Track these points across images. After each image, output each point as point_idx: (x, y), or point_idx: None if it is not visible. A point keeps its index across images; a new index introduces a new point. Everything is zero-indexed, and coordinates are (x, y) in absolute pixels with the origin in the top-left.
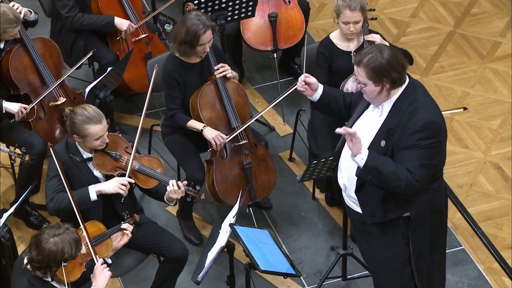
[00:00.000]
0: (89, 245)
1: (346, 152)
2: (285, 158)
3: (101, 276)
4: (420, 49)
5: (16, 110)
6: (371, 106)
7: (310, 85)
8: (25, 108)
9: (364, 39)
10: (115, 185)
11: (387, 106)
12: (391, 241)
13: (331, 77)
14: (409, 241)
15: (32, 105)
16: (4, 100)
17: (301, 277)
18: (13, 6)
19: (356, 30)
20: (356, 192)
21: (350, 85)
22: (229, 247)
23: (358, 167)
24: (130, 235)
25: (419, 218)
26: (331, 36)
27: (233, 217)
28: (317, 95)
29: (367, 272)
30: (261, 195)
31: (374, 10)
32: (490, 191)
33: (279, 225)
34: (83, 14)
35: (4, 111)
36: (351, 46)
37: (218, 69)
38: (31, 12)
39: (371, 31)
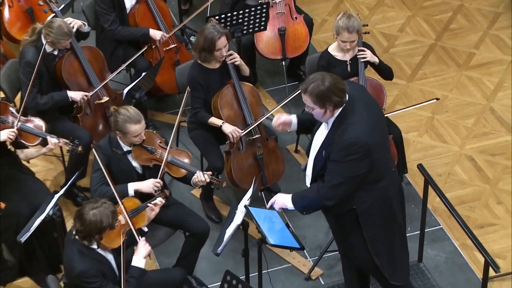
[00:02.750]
0: (127, 217)
1: (309, 157)
2: (291, 150)
3: (143, 249)
4: (406, 58)
5: (79, 98)
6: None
7: (285, 124)
8: (86, 96)
9: (357, 50)
10: (150, 186)
11: (331, 122)
12: (348, 228)
13: None
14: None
15: (92, 93)
16: (67, 91)
17: (305, 251)
18: (67, 20)
19: (352, 47)
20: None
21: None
22: (244, 225)
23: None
24: (159, 206)
25: (366, 211)
26: (329, 48)
27: (248, 199)
28: (293, 127)
29: None
30: (271, 181)
31: (367, 25)
32: (464, 179)
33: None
34: (123, 27)
35: (70, 100)
36: (346, 56)
37: (229, 56)
38: (85, 25)
39: (364, 44)
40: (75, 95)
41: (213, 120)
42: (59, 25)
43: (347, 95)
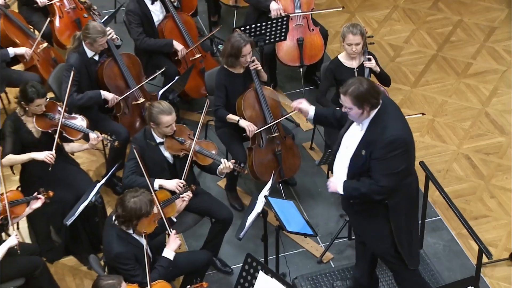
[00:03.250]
0: (159, 208)
1: (338, 155)
2: (307, 147)
3: (174, 243)
4: (410, 67)
5: (111, 97)
6: (355, 122)
7: (302, 111)
8: (116, 98)
9: (364, 59)
10: (174, 185)
11: (366, 122)
12: (374, 220)
13: (337, 87)
14: (390, 221)
15: (122, 98)
16: (101, 90)
17: (317, 237)
18: (108, 30)
19: (357, 51)
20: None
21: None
22: (263, 213)
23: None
24: (187, 201)
25: (396, 205)
26: (339, 56)
27: (267, 190)
28: (310, 117)
29: None
30: (288, 174)
31: (373, 37)
32: (461, 175)
33: (301, 197)
34: (149, 38)
35: (102, 97)
36: (353, 64)
37: (252, 62)
38: (118, 39)
39: (369, 53)
40: (107, 94)
41: (231, 116)
42: (93, 25)
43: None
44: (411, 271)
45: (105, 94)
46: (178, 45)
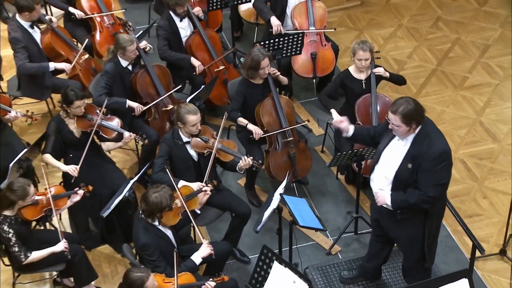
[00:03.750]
0: (183, 201)
1: (379, 170)
2: (318, 150)
3: (205, 251)
4: (412, 79)
5: (135, 106)
6: (396, 138)
7: (341, 129)
8: (141, 107)
9: (371, 71)
10: (195, 187)
11: (410, 138)
12: (411, 227)
13: (346, 96)
14: (425, 227)
15: (148, 107)
16: (127, 100)
17: (327, 231)
18: (141, 43)
19: (366, 65)
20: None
21: (360, 102)
22: (278, 209)
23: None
24: (209, 193)
25: (434, 213)
26: (349, 68)
27: (282, 189)
28: (349, 134)
29: (371, 229)
30: (301, 175)
31: (379, 52)
32: (457, 177)
33: (313, 195)
34: (171, 51)
35: (127, 106)
36: (361, 76)
37: (272, 71)
38: (151, 48)
39: (376, 66)
40: (132, 103)
41: (241, 119)
42: (122, 36)
43: None
44: (424, 268)
45: (130, 103)
46: (195, 61)
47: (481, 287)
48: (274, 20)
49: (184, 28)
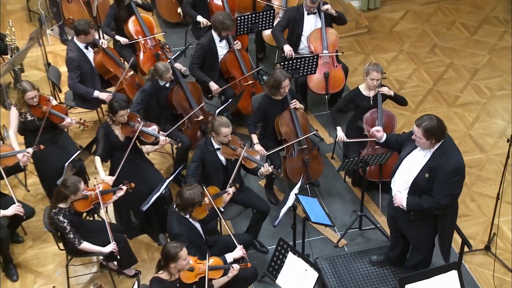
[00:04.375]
0: (210, 199)
1: (400, 174)
2: (329, 157)
3: (237, 253)
4: (411, 97)
5: (105, 97)
6: (418, 148)
7: (376, 136)
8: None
9: (377, 91)
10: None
11: (430, 151)
12: (423, 227)
13: (356, 110)
14: (435, 229)
15: (182, 121)
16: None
17: (335, 227)
18: (176, 65)
19: (377, 84)
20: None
21: (368, 116)
22: (293, 207)
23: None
24: (232, 194)
25: (445, 217)
26: (360, 86)
27: (297, 189)
28: (382, 140)
29: (373, 226)
30: (313, 178)
31: (385, 73)
32: None
33: (323, 196)
34: (199, 70)
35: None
36: (370, 94)
37: (292, 103)
38: (186, 70)
39: (382, 85)
40: (101, 94)
41: (253, 137)
42: (159, 66)
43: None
44: (432, 251)
45: (98, 94)
46: (213, 85)
47: (468, 278)
48: (286, 47)
49: (222, 47)
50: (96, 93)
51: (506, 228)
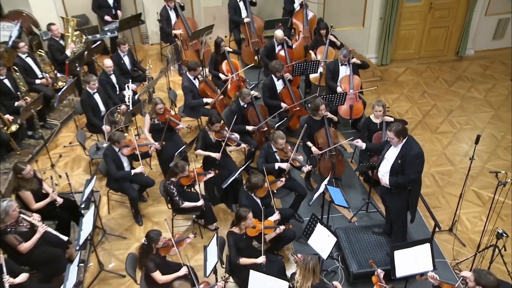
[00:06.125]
0: (268, 184)
1: (382, 164)
2: (349, 161)
3: (276, 216)
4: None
5: (251, 129)
6: (392, 146)
7: (358, 144)
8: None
9: (383, 119)
10: (284, 166)
11: (399, 145)
12: (401, 197)
13: (368, 132)
14: (408, 197)
15: (253, 130)
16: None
17: (350, 209)
18: (252, 92)
19: (380, 114)
20: (389, 183)
21: (375, 135)
22: (323, 193)
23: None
24: (283, 182)
25: (414, 190)
26: (370, 116)
27: (326, 181)
28: (363, 147)
29: (375, 209)
30: (338, 174)
31: (389, 107)
32: (428, 184)
33: (343, 187)
34: (268, 98)
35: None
36: (377, 121)
37: (327, 114)
38: (259, 94)
39: (387, 116)
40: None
41: (309, 144)
42: (244, 91)
43: None
44: (406, 223)
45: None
46: (284, 105)
47: (436, 248)
48: (339, 88)
49: (279, 85)
50: (205, 101)
51: (464, 218)
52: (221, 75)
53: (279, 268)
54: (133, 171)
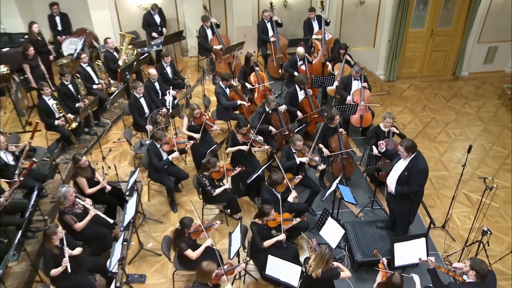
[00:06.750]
0: (287, 181)
1: (391, 173)
2: (358, 164)
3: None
4: (409, 135)
5: (274, 130)
6: (401, 159)
7: (381, 147)
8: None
9: (390, 129)
10: (303, 160)
11: (408, 159)
12: (404, 204)
13: (376, 140)
14: (410, 205)
15: (276, 132)
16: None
17: (357, 205)
18: (282, 107)
19: (390, 124)
20: (395, 191)
21: (383, 142)
22: (334, 191)
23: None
24: (299, 179)
25: (415, 198)
26: (380, 124)
27: (338, 180)
28: (382, 151)
29: (379, 207)
30: (348, 175)
31: (395, 118)
32: (426, 187)
33: (352, 186)
34: (289, 105)
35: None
36: (385, 129)
37: (340, 130)
38: (283, 106)
39: (394, 126)
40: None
41: (321, 146)
42: (270, 98)
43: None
44: (407, 223)
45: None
46: (299, 114)
47: (430, 243)
48: (348, 98)
49: (301, 94)
50: (239, 102)
51: (455, 216)
52: (247, 84)
53: (294, 254)
54: (170, 156)
